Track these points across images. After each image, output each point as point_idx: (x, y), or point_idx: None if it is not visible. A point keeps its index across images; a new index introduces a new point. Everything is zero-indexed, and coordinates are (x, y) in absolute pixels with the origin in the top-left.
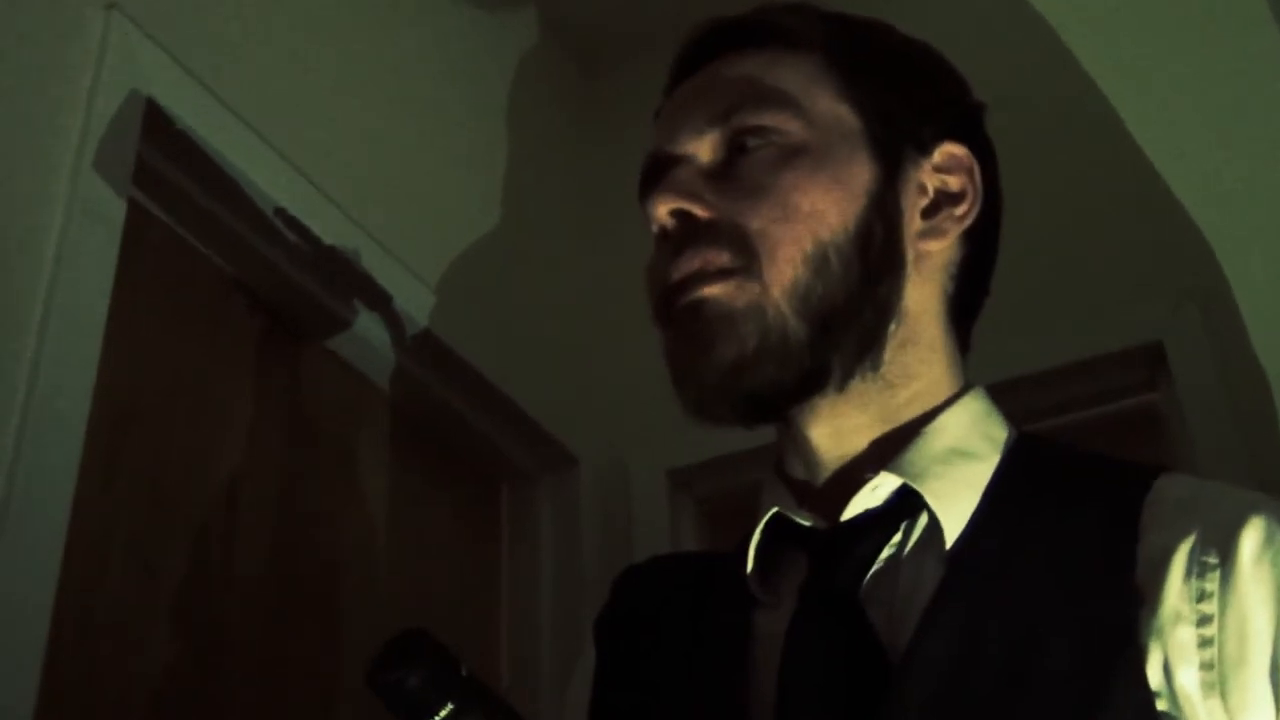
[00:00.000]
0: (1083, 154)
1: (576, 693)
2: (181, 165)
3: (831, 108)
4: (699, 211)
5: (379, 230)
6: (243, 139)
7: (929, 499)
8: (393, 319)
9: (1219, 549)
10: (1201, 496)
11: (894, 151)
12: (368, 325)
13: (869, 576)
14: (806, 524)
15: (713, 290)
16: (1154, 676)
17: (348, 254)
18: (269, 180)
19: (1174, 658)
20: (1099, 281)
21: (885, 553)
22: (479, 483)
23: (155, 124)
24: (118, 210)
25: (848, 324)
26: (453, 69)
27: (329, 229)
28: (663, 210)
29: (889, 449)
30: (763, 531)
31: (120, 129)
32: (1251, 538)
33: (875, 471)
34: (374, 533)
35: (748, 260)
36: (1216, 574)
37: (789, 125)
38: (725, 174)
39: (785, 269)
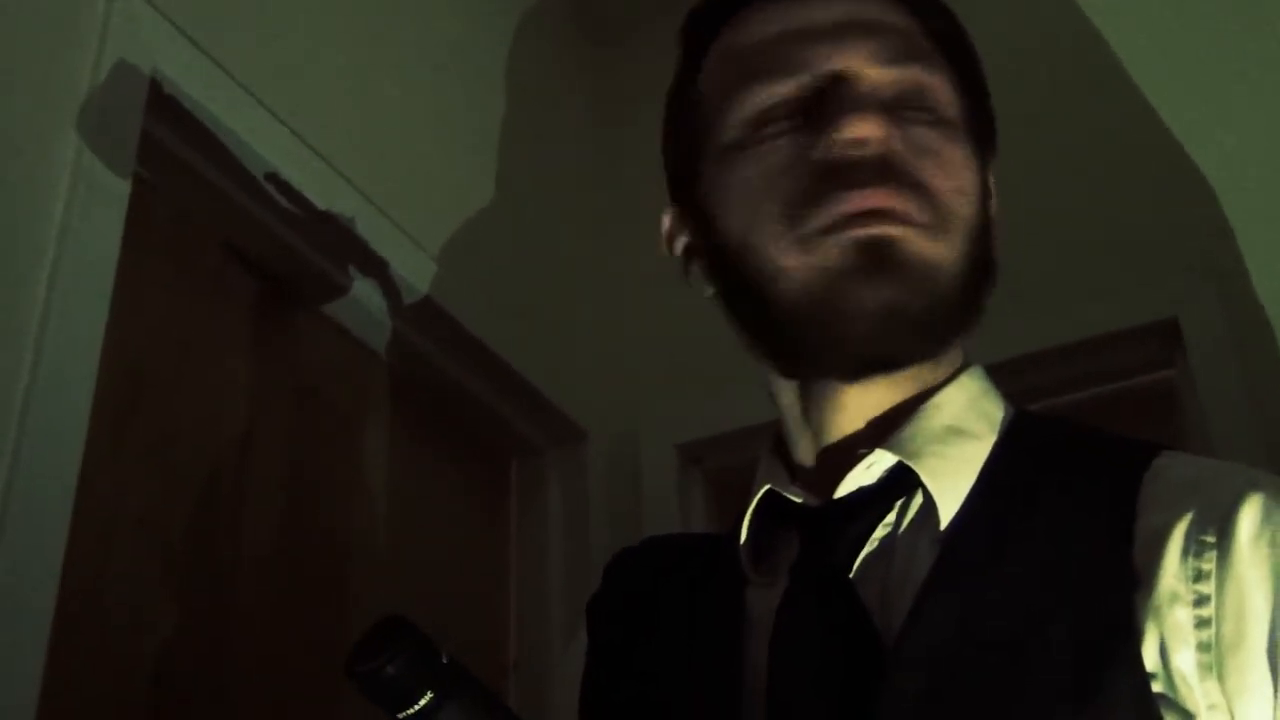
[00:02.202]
0: (1099, 129)
1: (569, 677)
2: (184, 136)
3: (953, 92)
4: (905, 162)
5: (380, 197)
6: (245, 108)
7: (925, 478)
8: (394, 288)
9: (1216, 528)
10: (1201, 475)
11: (982, 151)
12: (370, 294)
13: (862, 556)
14: (798, 501)
15: (907, 234)
16: (1150, 658)
17: (349, 220)
18: (270, 148)
19: (1170, 639)
20: (1114, 257)
21: (879, 532)
22: (487, 456)
23: (159, 97)
24: (122, 184)
25: (973, 310)
26: (457, 34)
27: (333, 197)
28: (873, 133)
29: (885, 426)
30: (755, 510)
31: (124, 103)
32: (1249, 516)
33: (870, 448)
34: (381, 506)
35: (938, 222)
36: (1214, 553)
37: (945, 97)
38: (900, 125)
39: (958, 243)
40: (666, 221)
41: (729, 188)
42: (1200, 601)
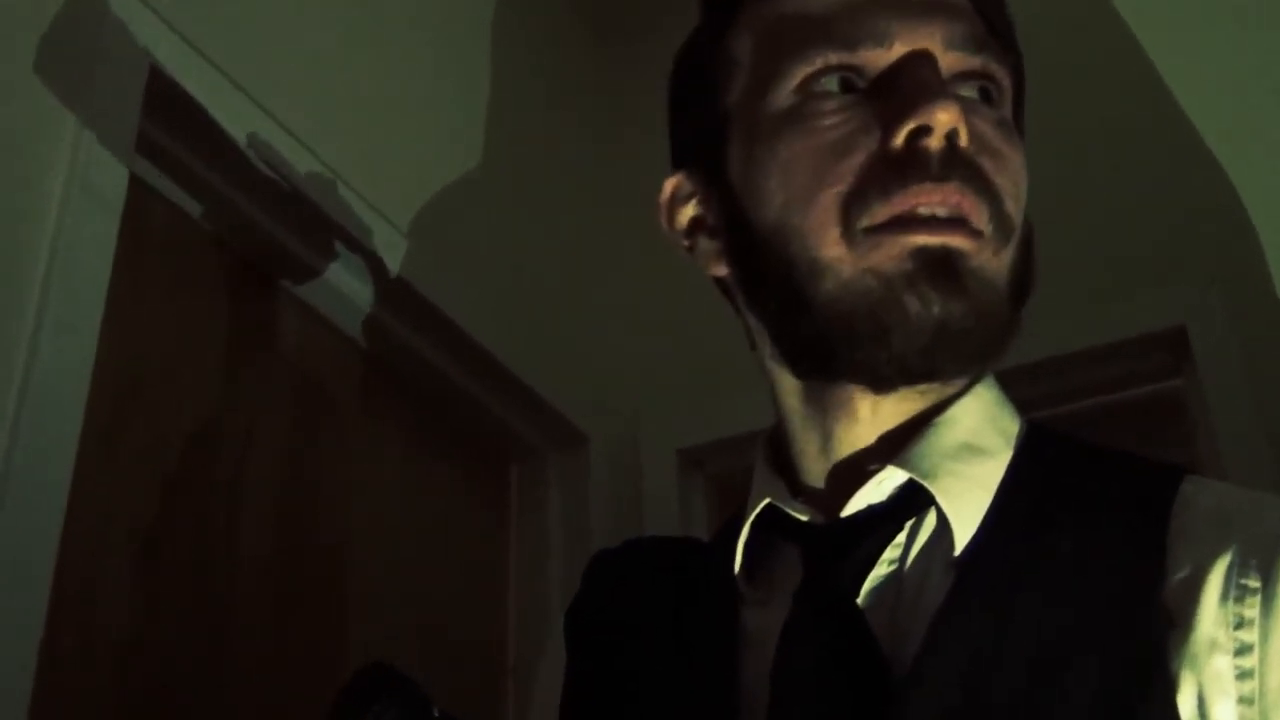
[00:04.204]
0: (1108, 134)
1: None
2: (178, 133)
3: (1011, 89)
4: (974, 160)
5: (381, 199)
6: (239, 103)
7: (940, 498)
8: (393, 290)
9: (1260, 571)
10: (1236, 508)
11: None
12: (375, 299)
13: (870, 579)
14: (803, 518)
15: (974, 247)
16: (1186, 708)
17: (350, 222)
18: (269, 145)
19: (1209, 689)
20: (1122, 264)
21: (888, 553)
22: (488, 459)
23: (155, 90)
24: (119, 184)
25: (1015, 328)
26: (458, 30)
27: (336, 199)
28: (953, 122)
29: (897, 438)
30: (752, 524)
31: (121, 102)
32: None
33: (881, 463)
34: (379, 509)
35: (999, 233)
36: (1257, 599)
37: (1006, 94)
38: (969, 118)
39: (1010, 257)
40: (668, 190)
41: (772, 160)
42: (1242, 651)
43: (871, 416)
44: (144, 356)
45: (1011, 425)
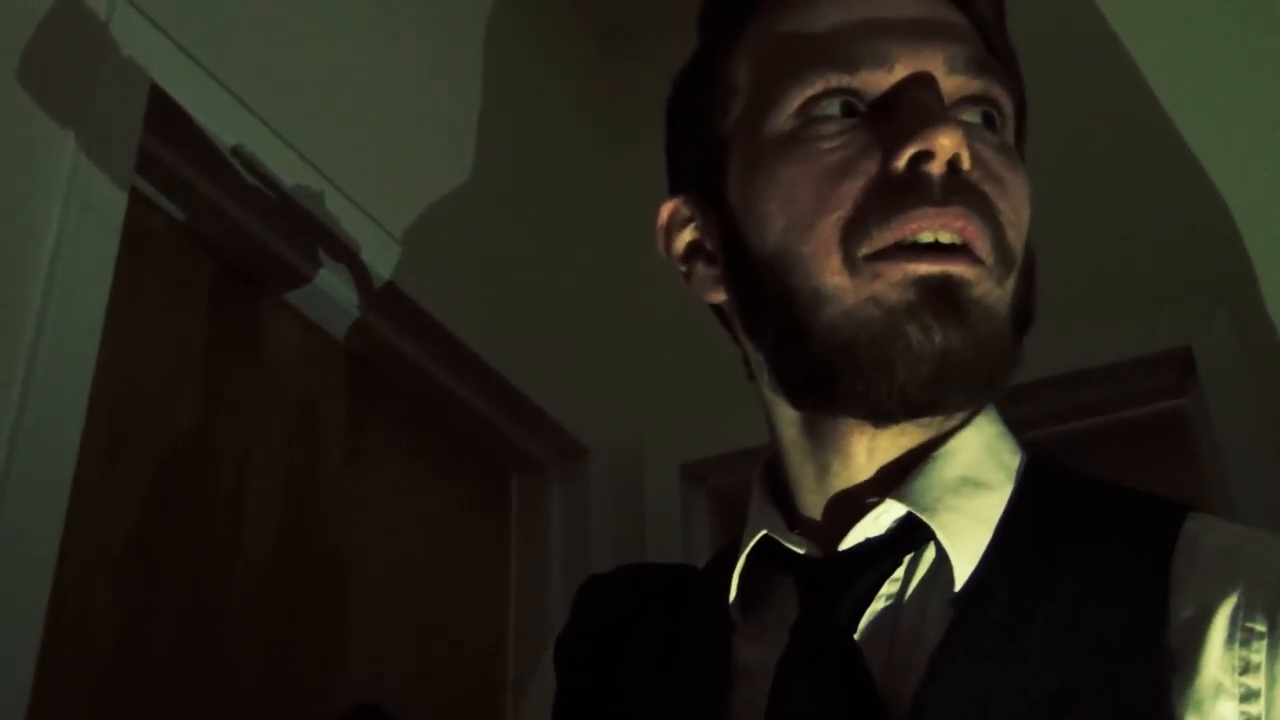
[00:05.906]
0: (1111, 154)
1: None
2: (180, 149)
3: (1013, 113)
4: (977, 186)
5: (385, 216)
6: (242, 120)
7: (939, 533)
8: (393, 304)
9: (1266, 615)
10: (1241, 547)
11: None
12: (367, 309)
13: (867, 614)
14: (800, 551)
15: (975, 275)
16: None
17: (350, 239)
18: (267, 159)
19: None
20: (1128, 284)
21: (886, 588)
22: (488, 471)
23: (154, 103)
24: (119, 198)
25: (1017, 359)
26: (462, 42)
27: (337, 210)
28: (956, 147)
29: (896, 471)
30: (748, 555)
31: (122, 117)
32: None
33: (880, 496)
34: (378, 519)
35: (1001, 261)
36: (1264, 644)
37: (1008, 119)
38: (970, 143)
39: (1011, 285)
40: (665, 214)
41: (772, 184)
42: (1248, 697)
43: (870, 450)
44: (142, 369)
45: (1012, 458)
